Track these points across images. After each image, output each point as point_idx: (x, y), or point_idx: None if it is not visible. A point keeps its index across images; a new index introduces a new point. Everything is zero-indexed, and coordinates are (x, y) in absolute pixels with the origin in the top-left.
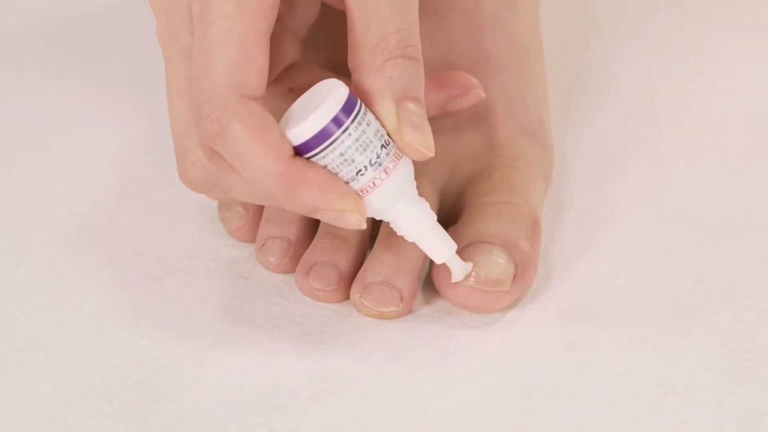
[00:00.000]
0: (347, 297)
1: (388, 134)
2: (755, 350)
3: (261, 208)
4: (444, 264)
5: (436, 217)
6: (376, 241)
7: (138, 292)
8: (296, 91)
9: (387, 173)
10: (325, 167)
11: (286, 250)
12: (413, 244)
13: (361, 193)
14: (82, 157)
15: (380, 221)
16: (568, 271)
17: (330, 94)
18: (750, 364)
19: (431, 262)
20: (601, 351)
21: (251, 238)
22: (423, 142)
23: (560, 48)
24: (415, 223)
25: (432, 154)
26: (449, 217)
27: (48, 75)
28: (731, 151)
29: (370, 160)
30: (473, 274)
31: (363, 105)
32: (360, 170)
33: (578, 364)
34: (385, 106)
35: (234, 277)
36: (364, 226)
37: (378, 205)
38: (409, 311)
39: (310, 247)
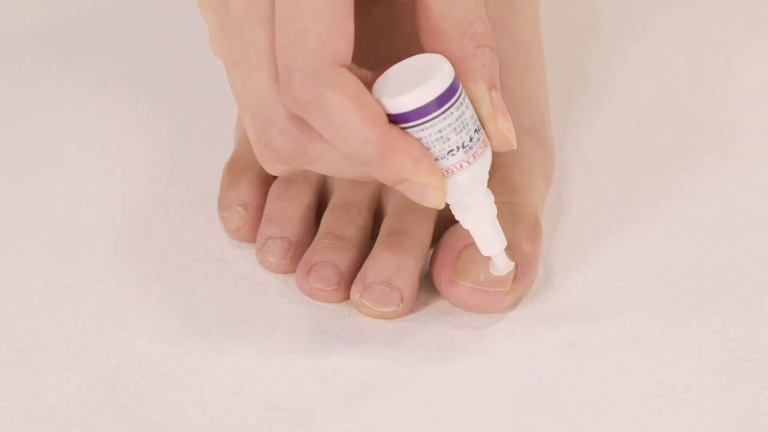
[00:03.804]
0: (347, 297)
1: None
2: (755, 350)
3: (261, 208)
4: (444, 264)
5: (497, 212)
6: (377, 242)
7: (138, 292)
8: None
9: (475, 158)
10: (419, 140)
11: (286, 250)
12: (414, 244)
13: (446, 173)
14: (82, 157)
15: (380, 223)
16: (568, 271)
17: (438, 69)
18: (750, 364)
19: (431, 262)
20: (601, 351)
21: (251, 238)
22: (512, 132)
23: (560, 48)
24: (480, 213)
25: (515, 146)
26: (450, 217)
27: (48, 75)
28: (731, 151)
29: (463, 143)
30: (473, 273)
31: (462, 86)
32: (452, 150)
33: (578, 364)
34: (482, 91)
35: (234, 277)
36: (443, 205)
37: (457, 188)
38: (409, 311)
39: (311, 247)
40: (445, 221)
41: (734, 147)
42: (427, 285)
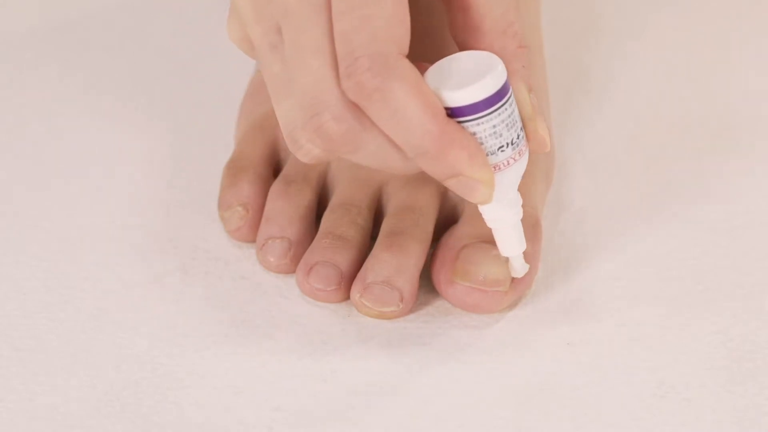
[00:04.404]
0: (347, 297)
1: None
2: (755, 350)
3: (261, 208)
4: (444, 264)
5: (522, 215)
6: (377, 242)
7: (138, 292)
8: None
9: (520, 155)
10: (473, 135)
11: (286, 250)
12: (414, 244)
13: (494, 169)
14: (82, 157)
15: (380, 223)
16: (568, 271)
17: (493, 64)
18: (750, 364)
19: (431, 262)
20: (601, 351)
21: (251, 238)
22: (548, 134)
23: (560, 48)
24: (510, 212)
25: (549, 148)
26: (450, 217)
27: (48, 75)
28: (731, 151)
29: (512, 139)
30: (472, 273)
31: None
32: (502, 146)
33: (578, 364)
34: (523, 92)
35: (234, 277)
36: (491, 201)
37: (501, 185)
38: (409, 311)
39: (311, 247)
40: (445, 221)
41: (734, 147)
42: (427, 285)
